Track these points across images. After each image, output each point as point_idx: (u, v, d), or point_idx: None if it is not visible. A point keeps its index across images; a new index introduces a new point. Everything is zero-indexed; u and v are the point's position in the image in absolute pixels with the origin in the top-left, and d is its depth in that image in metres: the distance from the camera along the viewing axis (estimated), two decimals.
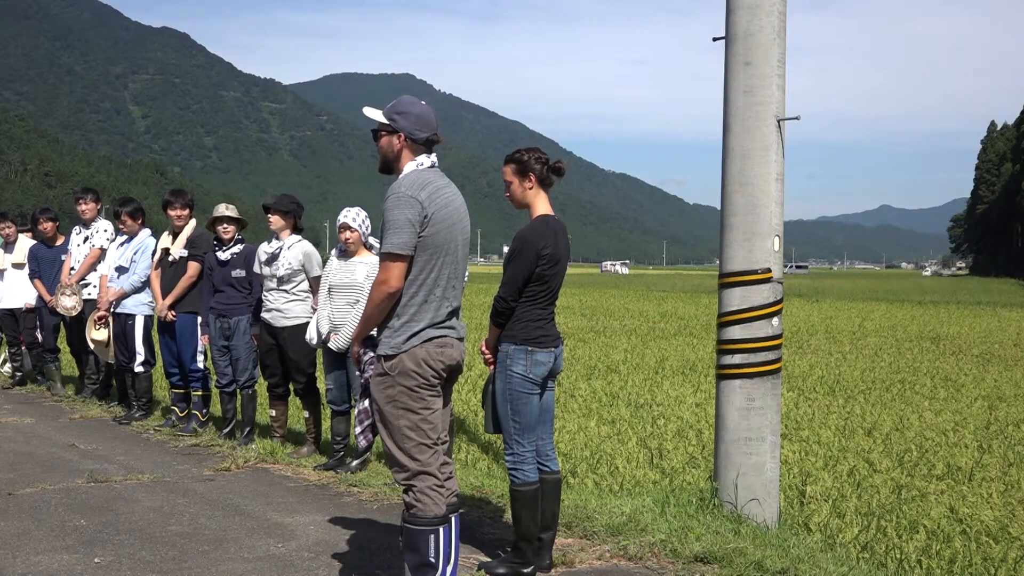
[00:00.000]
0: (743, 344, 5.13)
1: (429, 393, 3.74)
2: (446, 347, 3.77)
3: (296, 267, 6.99)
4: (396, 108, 3.85)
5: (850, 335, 19.50)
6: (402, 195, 3.67)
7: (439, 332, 3.76)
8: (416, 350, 3.69)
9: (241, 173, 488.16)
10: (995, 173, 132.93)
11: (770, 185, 5.12)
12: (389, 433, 3.75)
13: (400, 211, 3.64)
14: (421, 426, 3.72)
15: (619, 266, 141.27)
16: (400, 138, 3.83)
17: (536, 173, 4.48)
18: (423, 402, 3.72)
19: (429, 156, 3.85)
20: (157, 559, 4.66)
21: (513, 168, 4.51)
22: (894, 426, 8.66)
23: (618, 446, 7.54)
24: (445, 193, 3.79)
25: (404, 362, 3.69)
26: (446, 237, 3.75)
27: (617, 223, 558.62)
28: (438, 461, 3.78)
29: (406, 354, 3.69)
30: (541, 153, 4.52)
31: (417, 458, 3.72)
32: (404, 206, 3.65)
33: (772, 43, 5.08)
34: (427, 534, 3.71)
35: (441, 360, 3.74)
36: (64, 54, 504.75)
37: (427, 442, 3.73)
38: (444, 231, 3.73)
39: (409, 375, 3.69)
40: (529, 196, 4.51)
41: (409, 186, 3.70)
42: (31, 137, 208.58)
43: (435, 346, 3.73)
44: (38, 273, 10.09)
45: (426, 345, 3.71)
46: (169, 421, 8.24)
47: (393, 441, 3.74)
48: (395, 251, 3.65)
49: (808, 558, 4.45)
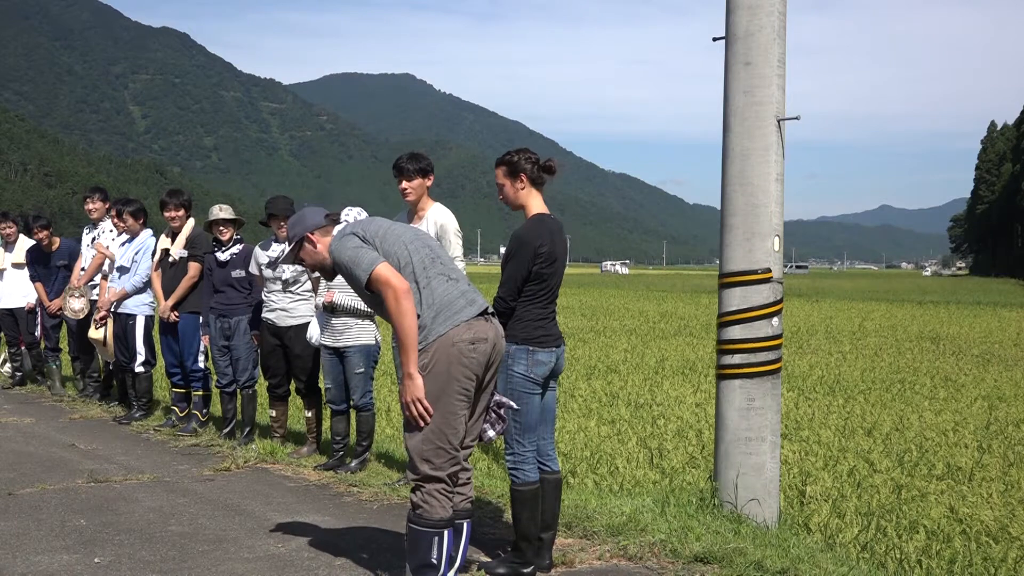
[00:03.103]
0: (743, 344, 5.14)
1: (459, 395, 3.81)
2: (477, 342, 3.86)
3: (300, 268, 7.01)
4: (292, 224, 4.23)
5: (850, 335, 19.50)
6: (335, 243, 4.02)
7: (459, 313, 3.86)
8: (449, 334, 3.80)
9: (241, 173, 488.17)
10: (995, 173, 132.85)
11: (770, 185, 5.12)
12: (413, 431, 3.81)
13: (344, 251, 3.97)
14: (444, 429, 3.78)
15: (619, 266, 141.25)
16: (308, 241, 4.19)
17: (527, 173, 4.48)
18: (450, 405, 3.78)
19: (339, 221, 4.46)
20: (157, 559, 4.67)
21: (504, 170, 4.52)
22: (894, 426, 8.66)
23: (618, 446, 7.54)
24: (372, 221, 4.16)
25: (437, 353, 3.79)
26: (398, 237, 3.97)
27: (617, 223, 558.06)
28: (453, 467, 3.83)
29: (437, 342, 3.79)
30: (531, 153, 4.53)
31: (432, 461, 3.78)
32: (345, 245, 3.96)
33: (772, 43, 5.08)
34: (430, 536, 3.74)
35: (474, 356, 3.83)
36: (64, 54, 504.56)
37: (446, 447, 3.79)
38: (389, 236, 3.97)
39: (447, 356, 3.79)
40: (522, 196, 4.52)
41: (338, 235, 4.05)
42: (31, 137, 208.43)
43: (467, 343, 3.83)
44: (38, 276, 10.09)
45: (459, 344, 3.81)
46: (169, 421, 8.24)
47: (414, 440, 3.80)
48: (368, 270, 3.84)
49: (808, 558, 4.45)
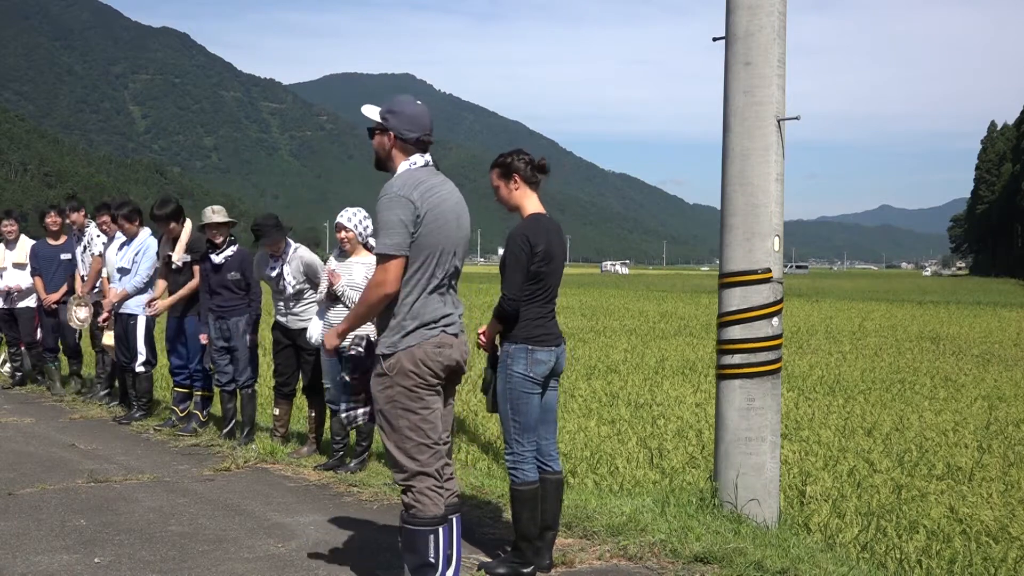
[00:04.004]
0: (743, 344, 5.13)
1: (427, 393, 3.72)
2: (444, 347, 3.74)
3: (301, 279, 7.04)
4: (389, 107, 3.84)
5: (850, 335, 19.49)
6: (394, 195, 3.66)
7: (436, 331, 3.72)
8: (414, 350, 3.67)
9: (241, 173, 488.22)
10: (995, 173, 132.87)
11: (770, 185, 5.12)
12: (389, 433, 3.74)
13: (392, 212, 3.63)
14: (421, 426, 3.71)
15: (619, 266, 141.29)
16: (390, 137, 3.81)
17: (520, 172, 4.49)
18: (422, 402, 3.71)
19: (423, 156, 3.83)
20: (157, 559, 4.67)
21: (498, 172, 4.53)
22: (894, 426, 8.66)
23: (618, 446, 7.54)
24: (439, 192, 3.76)
25: (402, 362, 3.67)
26: (440, 236, 3.72)
27: (617, 223, 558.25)
28: (438, 462, 3.77)
29: (404, 353, 3.67)
30: (524, 153, 4.54)
31: (417, 458, 3.72)
32: (396, 206, 3.64)
33: (772, 43, 5.08)
34: (426, 534, 3.71)
35: (439, 360, 3.72)
36: (64, 54, 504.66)
37: (427, 442, 3.72)
38: (437, 230, 3.71)
39: (407, 375, 3.68)
40: (517, 197, 4.52)
41: (401, 186, 3.69)
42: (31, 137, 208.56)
43: (433, 346, 3.70)
44: (38, 271, 10.09)
45: (424, 345, 3.68)
46: (169, 421, 8.24)
47: (393, 441, 3.74)
48: (389, 252, 3.64)
49: (808, 558, 4.45)
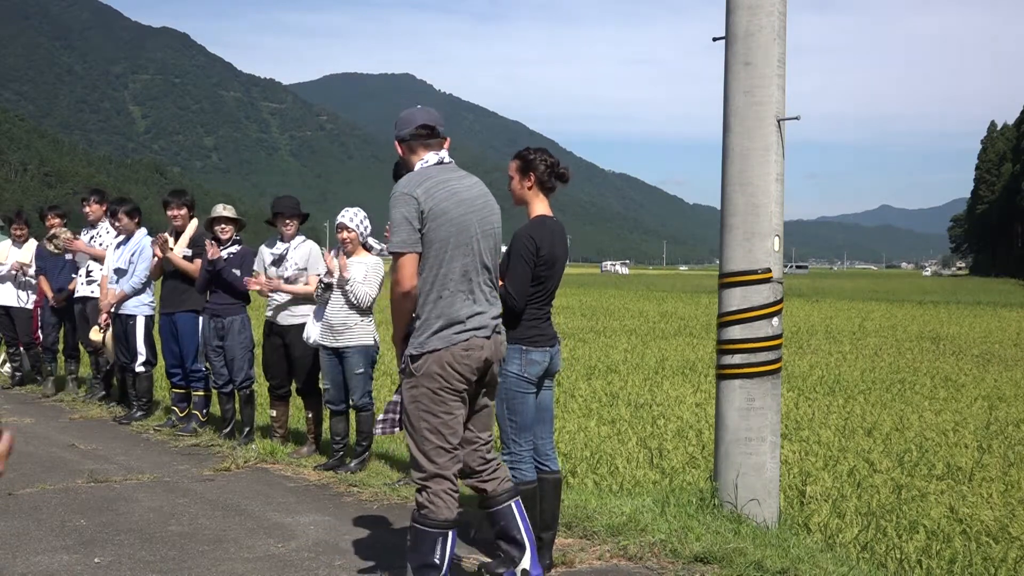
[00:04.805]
0: (743, 344, 5.13)
1: (452, 397, 3.72)
2: (472, 349, 3.72)
3: (303, 266, 7.04)
4: (395, 121, 3.99)
5: (850, 335, 19.49)
6: (398, 194, 3.74)
7: (465, 335, 3.71)
8: (441, 353, 3.67)
9: (241, 173, 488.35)
10: (995, 173, 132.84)
11: (770, 185, 5.12)
12: (411, 433, 3.77)
13: (396, 209, 3.71)
14: (441, 430, 3.71)
15: (619, 266, 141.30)
16: (398, 145, 3.96)
17: (537, 173, 4.48)
18: (445, 406, 3.71)
19: (437, 154, 3.88)
20: (157, 559, 4.66)
21: (517, 164, 4.54)
22: (894, 426, 8.66)
23: (618, 446, 7.54)
24: (449, 186, 3.77)
25: (429, 363, 3.68)
26: (451, 228, 3.73)
27: (617, 223, 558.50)
28: (456, 466, 3.79)
29: (432, 356, 3.68)
30: (548, 156, 4.53)
31: (435, 461, 3.73)
32: (400, 204, 3.71)
33: (772, 43, 5.08)
34: (435, 536, 3.71)
35: (467, 363, 3.71)
36: (64, 54, 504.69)
37: (445, 446, 3.73)
38: (447, 223, 3.72)
39: (433, 377, 3.68)
40: (527, 195, 4.52)
41: (405, 184, 3.76)
42: (31, 137, 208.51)
43: (461, 349, 3.70)
44: (43, 270, 10.09)
45: (452, 349, 3.68)
46: (169, 421, 8.24)
47: (414, 441, 3.76)
48: (396, 249, 3.72)
49: (808, 558, 4.45)
